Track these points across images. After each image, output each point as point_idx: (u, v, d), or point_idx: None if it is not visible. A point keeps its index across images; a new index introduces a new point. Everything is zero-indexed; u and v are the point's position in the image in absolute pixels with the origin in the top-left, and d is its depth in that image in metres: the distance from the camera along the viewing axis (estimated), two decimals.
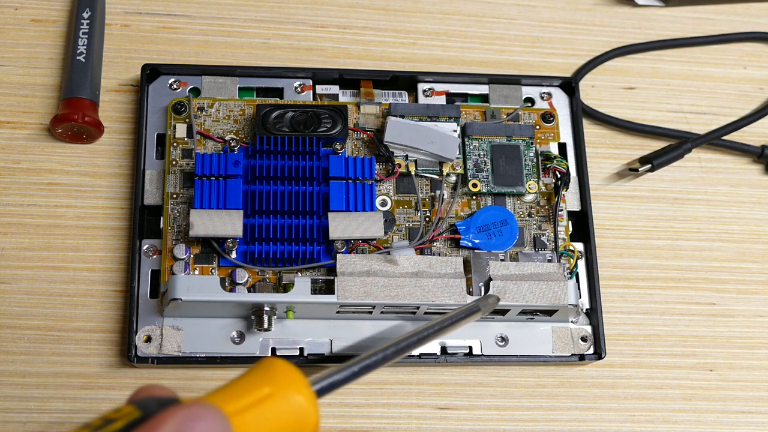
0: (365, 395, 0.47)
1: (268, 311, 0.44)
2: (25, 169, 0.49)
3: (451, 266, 0.45)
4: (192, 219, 0.45)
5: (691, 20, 0.58)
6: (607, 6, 0.58)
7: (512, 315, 0.46)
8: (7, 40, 0.51)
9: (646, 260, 0.51)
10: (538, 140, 0.51)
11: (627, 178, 0.53)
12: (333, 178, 0.46)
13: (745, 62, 0.58)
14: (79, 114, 0.47)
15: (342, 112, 0.49)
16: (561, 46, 0.56)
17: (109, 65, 0.51)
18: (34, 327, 0.46)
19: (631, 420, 0.48)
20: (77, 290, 0.46)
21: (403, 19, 0.56)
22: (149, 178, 0.48)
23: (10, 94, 0.50)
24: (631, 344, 0.49)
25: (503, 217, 0.48)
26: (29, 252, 0.47)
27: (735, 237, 0.53)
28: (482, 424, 0.47)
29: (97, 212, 0.48)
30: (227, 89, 0.50)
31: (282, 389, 0.31)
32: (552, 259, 0.48)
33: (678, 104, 0.56)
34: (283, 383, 0.31)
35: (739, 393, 0.49)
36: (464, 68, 0.54)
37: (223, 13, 0.54)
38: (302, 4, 0.55)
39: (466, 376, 0.48)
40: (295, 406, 0.31)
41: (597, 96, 0.55)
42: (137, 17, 0.53)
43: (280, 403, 0.31)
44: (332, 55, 0.54)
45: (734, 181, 0.54)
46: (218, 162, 0.46)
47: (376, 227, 0.46)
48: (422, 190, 0.49)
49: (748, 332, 0.51)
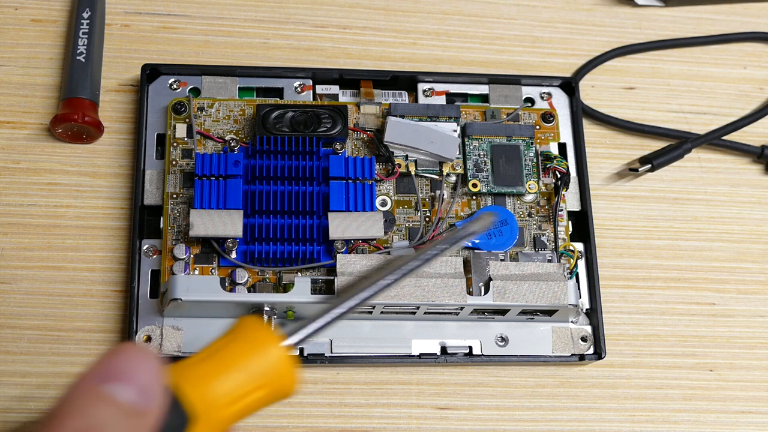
0: (365, 395, 0.47)
1: (268, 311, 0.44)
2: (25, 169, 0.49)
3: (451, 266, 0.45)
4: (192, 219, 0.45)
5: (691, 20, 0.58)
6: (607, 6, 0.58)
7: (512, 315, 0.46)
8: (7, 40, 0.51)
9: (646, 260, 0.51)
10: (538, 140, 0.51)
11: (627, 178, 0.53)
12: (333, 178, 0.46)
13: (745, 62, 0.58)
14: (79, 114, 0.47)
15: (342, 112, 0.49)
16: (561, 46, 0.56)
17: (109, 65, 0.51)
18: (34, 327, 0.46)
19: (631, 420, 0.48)
20: (77, 290, 0.46)
21: (403, 19, 0.56)
22: (149, 178, 0.48)
23: (10, 94, 0.50)
24: (631, 344, 0.50)
25: (503, 217, 0.48)
26: (29, 252, 0.47)
27: (735, 237, 0.53)
28: (482, 424, 0.47)
29: (97, 212, 0.48)
30: (227, 89, 0.50)
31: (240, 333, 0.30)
32: (552, 259, 0.48)
33: (678, 104, 0.56)
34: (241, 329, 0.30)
35: (739, 393, 0.49)
36: (464, 68, 0.54)
37: (223, 13, 0.54)
38: (302, 4, 0.55)
39: (466, 376, 0.48)
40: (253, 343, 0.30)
41: (597, 96, 0.55)
42: (137, 17, 0.53)
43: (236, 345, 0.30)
44: (332, 55, 0.54)
45: (734, 181, 0.54)
46: (218, 162, 0.46)
47: (376, 227, 0.46)
48: (422, 190, 0.49)
49: (748, 332, 0.51)
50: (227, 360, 0.30)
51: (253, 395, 0.30)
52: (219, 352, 0.30)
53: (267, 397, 0.30)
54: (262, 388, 0.30)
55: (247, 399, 0.30)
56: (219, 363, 0.30)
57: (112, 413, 0.27)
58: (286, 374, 0.30)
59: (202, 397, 0.29)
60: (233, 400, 0.29)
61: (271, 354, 0.30)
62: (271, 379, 0.30)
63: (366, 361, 0.46)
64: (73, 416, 0.26)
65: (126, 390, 0.27)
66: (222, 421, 0.29)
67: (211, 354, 0.30)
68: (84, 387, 0.27)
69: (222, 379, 0.29)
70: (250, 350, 0.30)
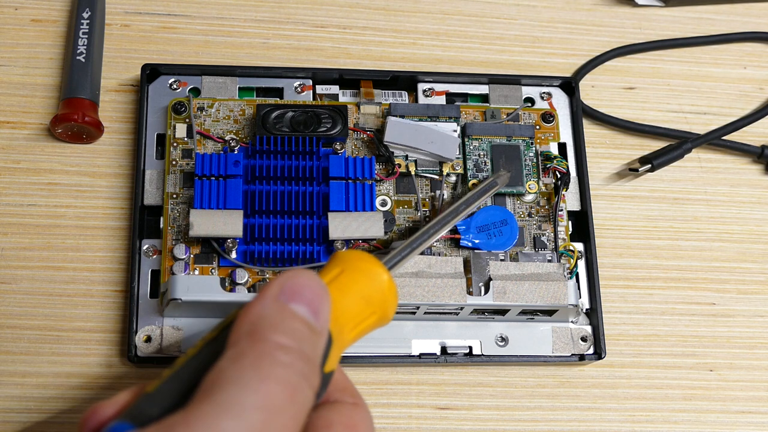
0: (365, 395, 0.46)
1: None
2: (25, 169, 0.49)
3: (451, 266, 0.45)
4: (192, 219, 0.45)
5: (691, 20, 0.58)
6: (607, 6, 0.58)
7: (512, 315, 0.46)
8: (7, 40, 0.51)
9: (646, 260, 0.51)
10: (538, 140, 0.51)
11: (627, 178, 0.53)
12: (333, 178, 0.46)
13: (745, 62, 0.58)
14: (79, 114, 0.47)
15: (342, 112, 0.49)
16: (561, 46, 0.56)
17: (109, 65, 0.51)
18: (34, 327, 0.46)
19: (631, 420, 0.48)
20: (77, 290, 0.46)
21: (403, 19, 0.56)
22: (149, 178, 0.48)
23: (10, 94, 0.50)
24: (631, 344, 0.49)
25: (503, 217, 0.48)
26: (29, 252, 0.47)
27: (735, 237, 0.53)
28: (482, 424, 0.47)
29: (97, 212, 0.48)
30: (227, 89, 0.50)
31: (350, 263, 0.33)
32: (552, 259, 0.48)
33: (678, 104, 0.56)
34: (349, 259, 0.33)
35: (739, 393, 0.49)
36: (464, 68, 0.54)
37: (223, 13, 0.54)
38: (302, 4, 0.55)
39: (466, 376, 0.48)
40: (366, 272, 0.33)
41: (597, 96, 0.55)
42: (137, 17, 0.53)
43: (351, 274, 0.33)
44: (332, 55, 0.54)
45: (734, 181, 0.54)
46: (218, 162, 0.46)
47: (376, 227, 0.46)
48: (422, 190, 0.49)
49: (748, 332, 0.51)
50: (349, 288, 0.32)
51: (369, 320, 0.33)
52: (339, 280, 0.32)
53: (376, 323, 0.33)
54: (374, 313, 0.33)
55: (363, 324, 0.33)
56: (342, 291, 0.32)
57: (305, 329, 0.29)
58: (392, 300, 0.33)
59: (335, 322, 0.31)
60: (354, 325, 0.32)
61: (382, 281, 0.33)
62: (381, 305, 0.33)
63: (366, 361, 0.46)
64: (277, 329, 0.28)
65: (306, 310, 0.30)
66: (344, 344, 0.32)
67: (331, 282, 0.32)
68: (277, 303, 0.29)
69: (348, 305, 0.32)
70: (366, 279, 0.33)
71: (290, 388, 0.27)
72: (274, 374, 0.27)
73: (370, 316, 0.33)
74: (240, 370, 0.27)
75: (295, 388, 0.28)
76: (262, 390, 0.27)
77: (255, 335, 0.28)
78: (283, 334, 0.28)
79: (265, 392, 0.27)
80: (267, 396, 0.27)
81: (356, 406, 0.33)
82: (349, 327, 0.32)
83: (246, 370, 0.27)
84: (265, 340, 0.28)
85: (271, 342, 0.28)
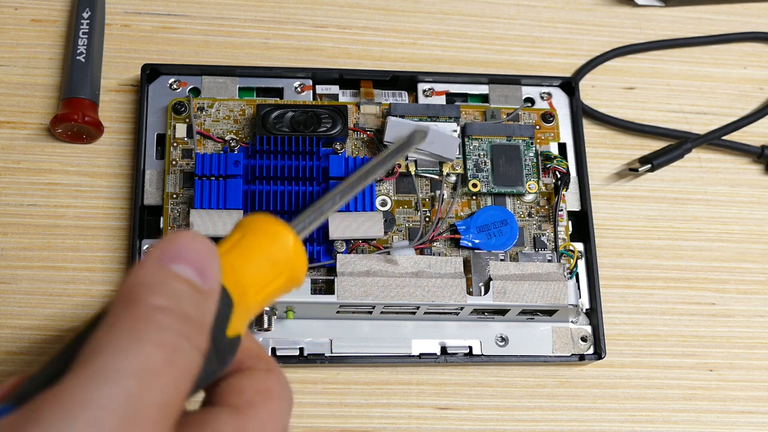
0: (365, 395, 0.47)
1: (268, 311, 0.44)
2: (25, 169, 0.49)
3: (451, 266, 0.45)
4: (192, 219, 0.45)
5: (691, 20, 0.58)
6: (607, 6, 0.58)
7: (512, 315, 0.46)
8: (7, 40, 0.51)
9: (646, 260, 0.51)
10: (538, 140, 0.51)
11: (627, 178, 0.53)
12: (333, 178, 0.46)
13: (745, 62, 0.58)
14: (79, 114, 0.47)
15: (342, 112, 0.49)
16: (561, 46, 0.56)
17: (109, 65, 0.51)
18: (34, 327, 0.46)
19: (631, 420, 0.48)
20: (77, 290, 0.47)
21: (403, 19, 0.56)
22: (149, 178, 0.48)
23: (10, 94, 0.50)
24: (631, 344, 0.50)
25: (503, 217, 0.48)
26: (29, 252, 0.47)
27: (735, 237, 0.53)
28: (482, 424, 0.47)
29: (97, 212, 0.48)
30: (227, 89, 0.50)
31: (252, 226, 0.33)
32: (552, 259, 0.48)
33: (678, 104, 0.56)
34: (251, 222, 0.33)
35: (739, 393, 0.49)
36: (464, 68, 0.54)
37: (223, 13, 0.54)
38: (302, 4, 0.55)
39: (466, 376, 0.48)
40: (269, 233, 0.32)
41: (597, 96, 0.55)
42: (137, 17, 0.53)
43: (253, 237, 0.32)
44: (332, 55, 0.54)
45: (734, 181, 0.54)
46: (218, 162, 0.46)
47: (376, 227, 0.46)
48: (422, 190, 0.49)
49: (748, 332, 0.51)
50: (251, 250, 0.32)
51: (275, 282, 0.32)
52: (241, 244, 0.32)
53: (285, 285, 0.33)
54: (282, 274, 0.32)
55: (270, 286, 0.32)
56: (244, 253, 0.31)
57: (187, 289, 0.28)
58: (300, 261, 0.33)
59: (237, 284, 0.30)
60: (260, 288, 0.31)
61: (287, 242, 0.32)
62: (289, 266, 0.32)
63: (366, 361, 0.46)
64: (154, 291, 0.27)
65: (190, 271, 0.28)
66: (250, 308, 0.31)
67: (233, 246, 0.32)
68: (157, 266, 0.28)
69: (250, 267, 0.31)
70: (270, 241, 0.32)
71: (168, 349, 0.26)
72: (151, 337, 0.26)
73: (277, 278, 0.32)
74: (115, 335, 0.26)
75: (175, 350, 0.26)
76: (136, 353, 0.25)
77: (131, 299, 0.27)
78: (160, 296, 0.27)
79: (140, 355, 0.25)
80: (142, 359, 0.25)
81: (270, 371, 0.31)
82: (255, 290, 0.31)
83: (121, 335, 0.26)
84: (141, 304, 0.27)
85: (148, 305, 0.27)
